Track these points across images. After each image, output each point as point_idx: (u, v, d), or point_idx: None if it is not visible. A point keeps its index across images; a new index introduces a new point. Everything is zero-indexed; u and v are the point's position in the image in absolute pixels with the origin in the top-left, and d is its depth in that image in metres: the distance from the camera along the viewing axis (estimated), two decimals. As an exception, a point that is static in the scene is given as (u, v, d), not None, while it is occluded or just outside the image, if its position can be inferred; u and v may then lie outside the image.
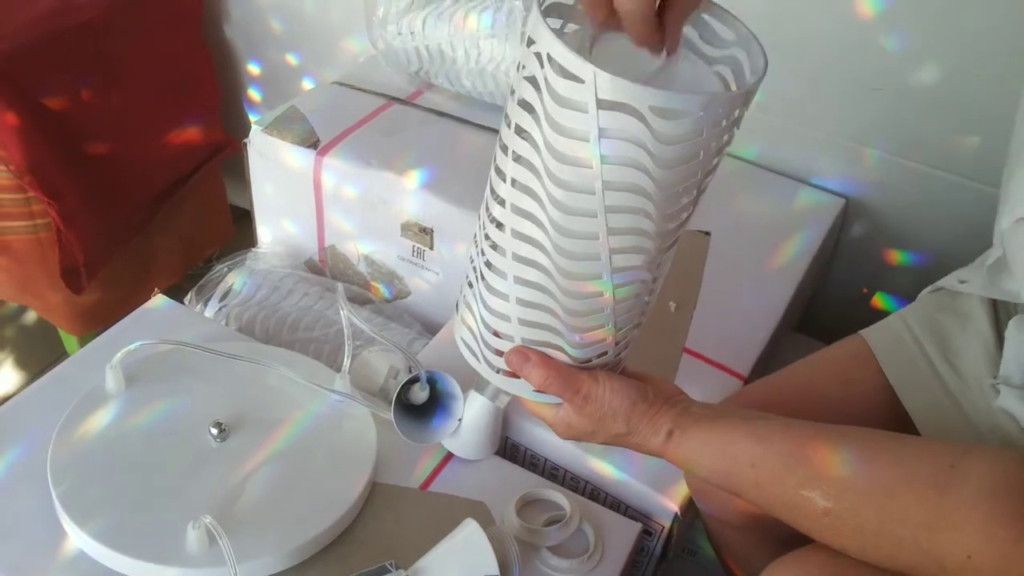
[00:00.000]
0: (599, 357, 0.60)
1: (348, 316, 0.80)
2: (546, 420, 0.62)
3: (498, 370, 0.61)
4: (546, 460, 0.84)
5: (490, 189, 0.56)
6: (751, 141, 1.17)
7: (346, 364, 0.80)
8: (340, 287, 0.85)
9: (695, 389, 0.63)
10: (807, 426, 0.55)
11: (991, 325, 0.68)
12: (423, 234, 1.04)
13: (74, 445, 0.72)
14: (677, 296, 0.96)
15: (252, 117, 1.57)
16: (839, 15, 1.02)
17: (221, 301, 1.08)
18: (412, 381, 0.75)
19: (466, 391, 0.75)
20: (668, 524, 0.78)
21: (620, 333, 0.59)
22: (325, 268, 1.19)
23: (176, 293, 0.98)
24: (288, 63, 1.46)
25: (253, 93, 1.54)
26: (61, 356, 1.38)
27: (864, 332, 0.75)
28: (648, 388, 0.59)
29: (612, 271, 0.54)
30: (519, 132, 0.51)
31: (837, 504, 0.51)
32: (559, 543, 0.73)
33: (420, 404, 0.76)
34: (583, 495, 0.80)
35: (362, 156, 1.06)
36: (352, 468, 0.74)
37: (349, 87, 1.19)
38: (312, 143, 1.07)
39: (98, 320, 1.28)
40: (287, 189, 1.13)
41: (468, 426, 0.76)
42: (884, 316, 0.76)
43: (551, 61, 0.48)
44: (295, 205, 1.13)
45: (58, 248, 1.16)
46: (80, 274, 1.20)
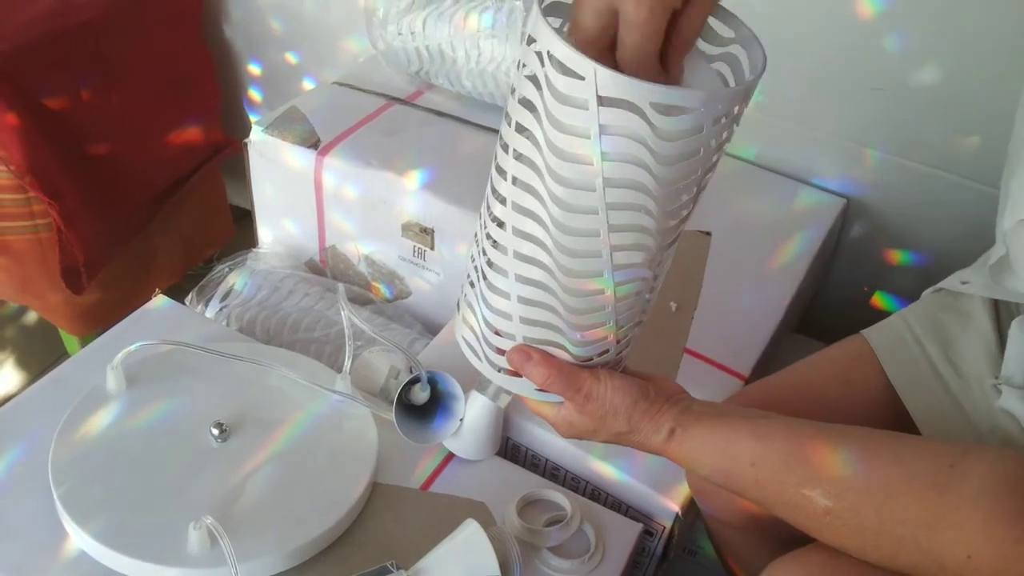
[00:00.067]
0: (600, 355, 0.60)
1: (349, 316, 0.80)
2: (547, 419, 0.62)
3: (500, 369, 0.61)
4: (547, 460, 0.84)
5: (491, 188, 0.56)
6: (751, 141, 1.17)
7: (347, 364, 0.80)
8: (341, 287, 0.85)
9: (696, 389, 0.63)
10: (808, 425, 0.55)
11: (993, 325, 0.68)
12: (424, 234, 1.04)
13: (75, 445, 0.72)
14: (678, 296, 0.96)
15: (252, 117, 1.57)
16: (839, 15, 1.02)
17: (222, 301, 1.08)
18: (413, 381, 0.75)
19: (467, 391, 0.76)
20: (669, 524, 0.78)
21: (621, 331, 0.59)
22: (326, 268, 1.19)
23: (176, 293, 0.98)
24: (288, 63, 1.46)
25: (253, 93, 1.54)
26: (62, 356, 1.38)
27: (865, 332, 0.75)
28: (650, 386, 0.59)
29: (613, 268, 0.54)
30: (520, 130, 0.51)
31: (837, 503, 0.51)
32: (560, 543, 0.73)
33: (421, 404, 0.76)
34: (584, 495, 0.80)
35: (363, 156, 1.06)
36: (353, 468, 0.74)
37: (349, 87, 1.19)
38: (313, 143, 1.07)
39: (98, 320, 1.28)
40: (287, 189, 1.13)
41: (469, 426, 0.76)
42: (884, 316, 0.76)
43: (551, 58, 0.48)
44: (296, 205, 1.13)
45: (58, 248, 1.16)
46: (80, 274, 1.20)
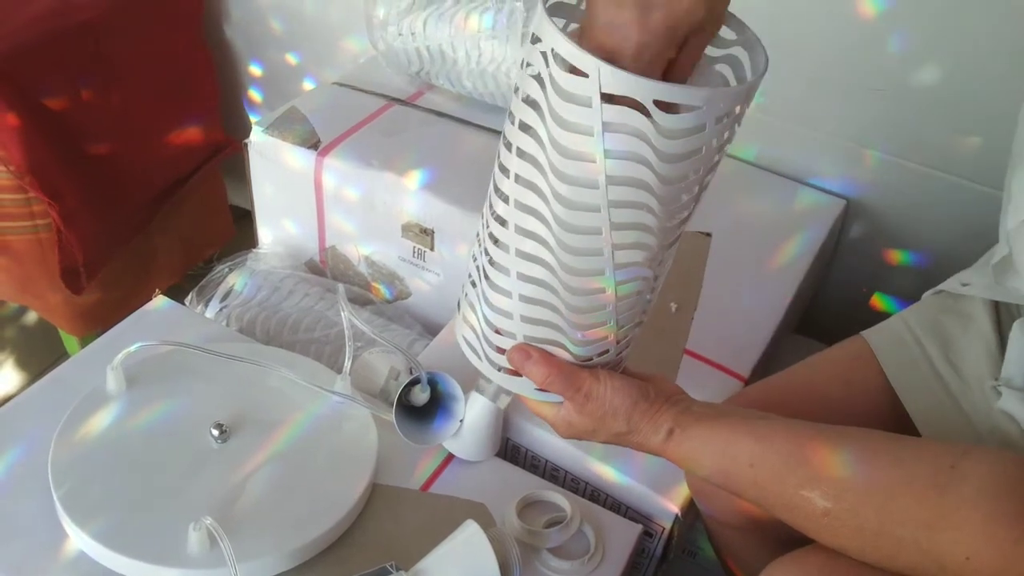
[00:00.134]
0: (600, 356, 0.60)
1: (349, 317, 0.80)
2: (547, 419, 0.62)
3: (500, 368, 0.61)
4: (547, 461, 0.84)
5: (494, 186, 0.56)
6: (751, 141, 1.17)
7: (347, 365, 0.80)
8: (341, 288, 0.85)
9: (695, 390, 0.63)
10: (807, 426, 0.55)
11: (993, 327, 0.68)
12: (424, 235, 1.04)
13: (75, 446, 0.72)
14: (678, 297, 0.96)
15: (252, 117, 1.57)
16: (839, 15, 1.02)
17: (222, 302, 1.08)
18: (413, 382, 0.75)
19: (467, 392, 0.76)
20: (669, 525, 0.78)
21: (622, 331, 0.59)
22: (326, 269, 1.19)
23: (176, 294, 0.98)
24: (288, 63, 1.46)
25: (253, 93, 1.54)
26: (61, 357, 1.38)
27: (865, 333, 0.75)
28: (649, 387, 0.59)
29: (615, 267, 0.54)
30: (524, 128, 0.52)
31: (837, 504, 0.51)
32: (560, 545, 0.73)
33: (421, 405, 0.76)
34: (584, 497, 0.80)
35: (363, 157, 1.06)
36: (353, 469, 0.74)
37: (350, 88, 1.19)
38: (313, 144, 1.07)
39: (98, 320, 1.28)
40: (288, 190, 1.12)
41: (469, 427, 0.76)
42: (884, 317, 0.76)
43: (556, 56, 0.48)
44: (296, 206, 1.13)
45: (58, 248, 1.16)
46: (80, 274, 1.20)
